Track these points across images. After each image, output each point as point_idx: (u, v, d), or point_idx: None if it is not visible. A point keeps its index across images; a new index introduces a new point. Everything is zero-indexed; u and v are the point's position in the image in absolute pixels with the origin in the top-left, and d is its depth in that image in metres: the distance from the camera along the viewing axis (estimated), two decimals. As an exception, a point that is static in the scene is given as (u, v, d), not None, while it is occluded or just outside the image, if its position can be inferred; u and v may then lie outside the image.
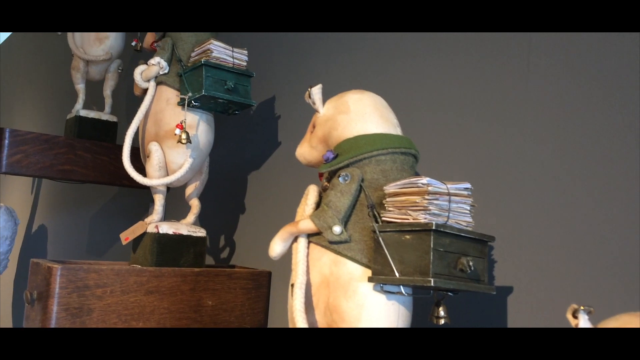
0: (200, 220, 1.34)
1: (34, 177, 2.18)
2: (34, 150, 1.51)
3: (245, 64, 1.20)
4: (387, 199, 0.72)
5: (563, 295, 0.79)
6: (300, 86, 1.34)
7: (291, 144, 1.34)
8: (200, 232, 1.23)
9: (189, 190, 1.28)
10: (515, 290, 0.83)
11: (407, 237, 0.67)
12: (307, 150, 0.87)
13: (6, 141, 1.48)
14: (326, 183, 0.80)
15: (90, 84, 1.72)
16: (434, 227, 0.64)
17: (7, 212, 2.56)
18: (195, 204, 1.27)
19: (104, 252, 2.11)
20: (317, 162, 0.86)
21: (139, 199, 1.91)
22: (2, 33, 4.31)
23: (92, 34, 1.62)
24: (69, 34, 1.63)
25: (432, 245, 0.64)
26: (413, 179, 0.69)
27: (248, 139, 1.47)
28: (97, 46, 1.63)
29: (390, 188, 0.71)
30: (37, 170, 1.52)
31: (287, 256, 0.81)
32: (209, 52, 1.15)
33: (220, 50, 1.16)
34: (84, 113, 1.63)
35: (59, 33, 1.67)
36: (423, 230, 0.65)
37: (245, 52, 1.21)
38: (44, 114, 2.88)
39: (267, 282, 1.30)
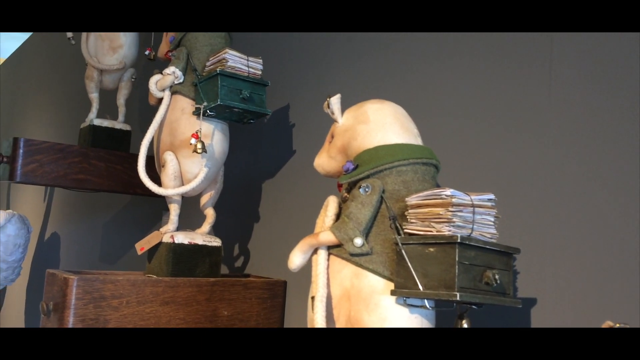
0: (214, 229, 1.33)
1: (48, 186, 2.18)
2: (48, 159, 1.51)
3: (260, 72, 1.20)
4: (410, 211, 0.70)
5: (588, 307, 0.77)
6: (315, 94, 1.33)
7: (306, 153, 1.33)
8: (216, 242, 1.23)
9: (204, 199, 1.28)
10: (539, 301, 0.82)
11: (431, 249, 0.66)
12: (325, 161, 0.86)
13: (21, 150, 1.48)
14: (346, 194, 0.79)
15: (104, 93, 1.72)
16: (459, 240, 0.63)
17: (20, 220, 2.57)
18: (210, 214, 1.26)
19: (117, 260, 2.11)
20: (336, 172, 0.85)
21: (152, 208, 1.90)
22: (14, 41, 4.34)
23: (106, 44, 1.62)
24: (83, 44, 1.63)
25: (457, 259, 0.63)
26: (436, 191, 0.68)
27: (262, 148, 1.47)
28: (110, 55, 1.63)
29: (412, 199, 0.70)
30: (52, 179, 1.52)
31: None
32: (224, 61, 1.14)
33: (235, 60, 1.16)
34: (97, 122, 1.63)
35: (73, 42, 1.67)
36: (448, 243, 0.64)
37: (260, 61, 1.20)
38: (57, 123, 2.90)
39: (282, 291, 1.29)
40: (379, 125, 0.78)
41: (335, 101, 0.83)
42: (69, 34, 1.66)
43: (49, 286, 1.09)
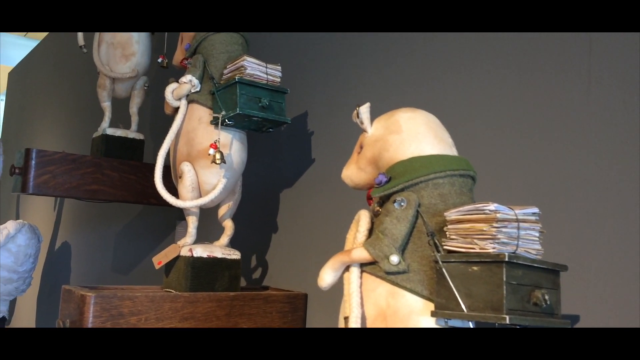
0: (231, 239, 1.29)
1: (61, 197, 2.15)
2: (61, 170, 1.48)
3: (279, 80, 1.16)
4: (449, 226, 0.67)
5: (634, 325, 0.73)
6: (335, 101, 1.30)
7: (325, 161, 1.29)
8: (235, 255, 1.19)
9: (222, 210, 1.24)
10: (582, 319, 0.78)
11: (475, 268, 0.62)
12: (354, 172, 0.82)
13: (33, 162, 1.45)
14: (378, 208, 0.75)
15: (115, 102, 1.69)
16: (506, 259, 0.59)
17: (30, 230, 2.54)
18: (229, 225, 1.22)
19: (129, 270, 2.08)
20: (366, 184, 0.81)
21: (166, 217, 1.87)
22: (21, 49, 4.33)
23: (118, 52, 1.59)
24: (95, 52, 1.60)
25: (504, 279, 0.59)
26: (478, 205, 0.64)
27: (280, 157, 1.43)
28: (123, 63, 1.60)
29: (452, 214, 0.66)
30: (65, 190, 1.49)
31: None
32: (242, 68, 1.11)
33: (253, 67, 1.12)
34: (110, 131, 1.60)
35: (85, 50, 1.64)
36: (494, 261, 0.60)
37: (279, 67, 1.17)
38: (67, 133, 2.87)
39: (303, 304, 1.25)
40: (412, 135, 0.74)
41: (364, 110, 0.79)
42: (81, 42, 1.63)
43: (65, 303, 1.06)
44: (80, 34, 1.63)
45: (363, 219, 0.75)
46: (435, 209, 0.70)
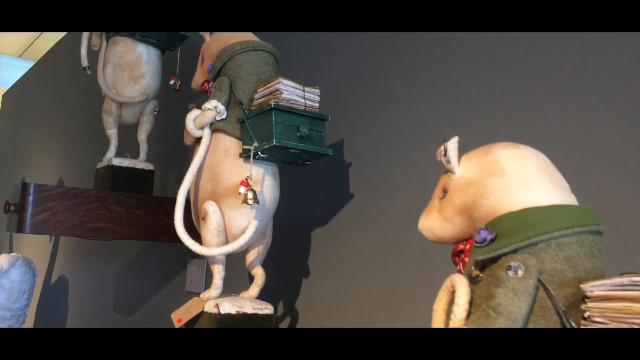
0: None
1: (62, 236, 1.98)
2: (61, 207, 1.31)
3: (317, 105, 1.01)
4: (591, 304, 0.50)
5: None
6: (375, 127, 1.14)
7: (365, 196, 1.13)
8: (267, 309, 1.02)
9: (251, 256, 1.07)
10: None
11: (641, 367, 0.46)
12: (437, 224, 0.65)
13: (30, 197, 1.28)
14: (477, 272, 0.58)
15: (122, 128, 1.53)
16: (695, 359, 0.43)
17: (24, 264, 2.37)
18: (259, 274, 1.06)
19: (134, 311, 1.90)
20: (452, 239, 0.65)
21: (175, 253, 1.70)
22: (17, 70, 4.18)
23: (126, 73, 1.43)
24: (100, 73, 1.45)
25: (694, 387, 0.43)
26: (636, 279, 0.48)
27: (313, 191, 1.26)
28: (131, 86, 1.44)
29: (595, 289, 0.50)
30: (66, 229, 1.32)
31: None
32: (277, 92, 0.95)
33: (290, 90, 0.97)
34: (116, 161, 1.44)
35: (89, 72, 1.48)
36: (674, 361, 0.44)
37: (317, 91, 1.02)
38: (67, 163, 2.68)
39: (344, 364, 1.08)
40: (521, 178, 0.58)
41: (453, 147, 0.63)
42: (85, 63, 1.47)
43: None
44: (83, 54, 1.47)
45: (461, 287, 0.58)
46: (561, 278, 0.54)
